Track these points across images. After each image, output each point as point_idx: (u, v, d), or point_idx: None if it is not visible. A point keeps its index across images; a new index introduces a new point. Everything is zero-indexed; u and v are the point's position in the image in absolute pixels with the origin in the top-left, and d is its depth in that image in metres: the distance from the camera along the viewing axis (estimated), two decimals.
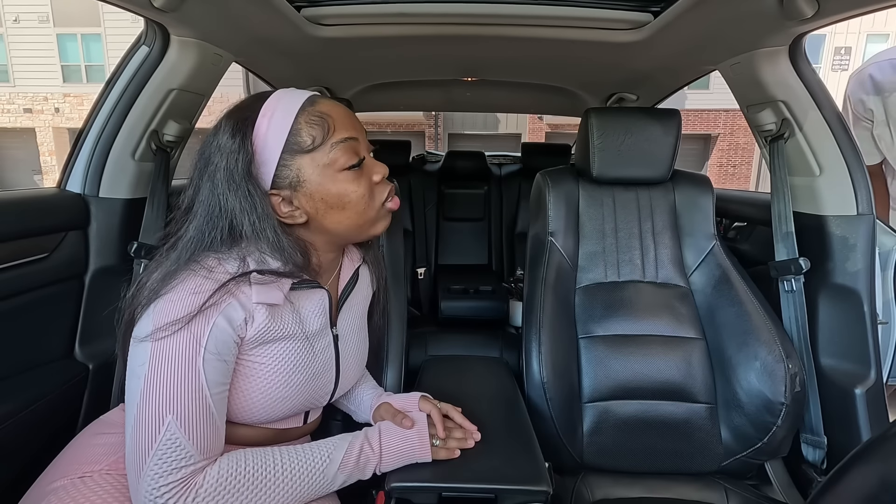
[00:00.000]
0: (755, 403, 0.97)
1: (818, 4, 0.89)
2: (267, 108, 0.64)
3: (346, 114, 0.68)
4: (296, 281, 0.67)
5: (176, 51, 1.09)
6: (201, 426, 0.57)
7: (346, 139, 0.65)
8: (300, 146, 0.63)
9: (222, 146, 0.62)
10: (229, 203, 0.61)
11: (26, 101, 10.46)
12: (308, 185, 0.64)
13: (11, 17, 10.00)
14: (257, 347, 0.64)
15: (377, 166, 0.70)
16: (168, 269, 0.61)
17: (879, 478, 0.30)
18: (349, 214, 0.67)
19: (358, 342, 0.80)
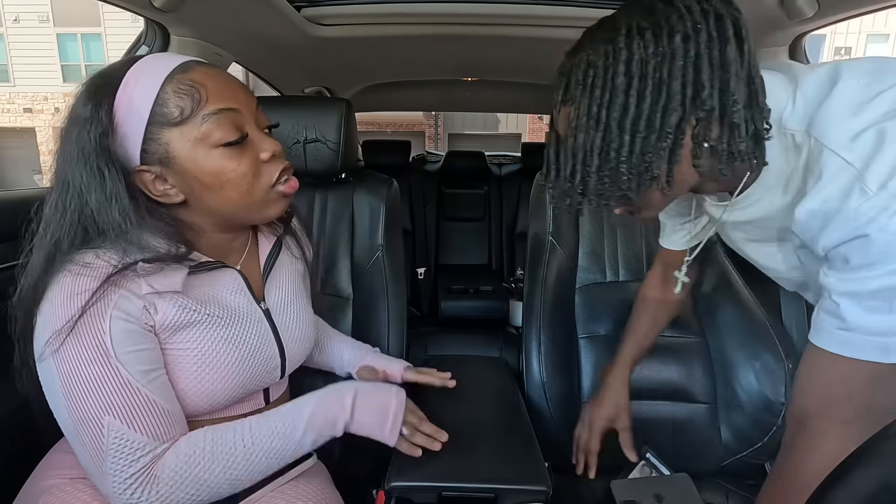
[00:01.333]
0: (755, 403, 0.97)
1: (818, 4, 0.89)
2: (131, 74, 0.57)
3: (225, 83, 0.60)
4: (192, 265, 0.61)
5: (176, 50, 1.09)
6: (144, 415, 0.55)
7: (220, 110, 0.58)
8: (167, 118, 0.56)
9: (76, 115, 0.56)
10: (76, 179, 0.55)
11: (26, 101, 10.47)
12: (179, 161, 0.58)
13: (11, 17, 10.00)
14: (173, 335, 0.60)
15: (265, 142, 0.62)
16: (36, 276, 0.56)
17: (879, 478, 0.30)
18: (229, 195, 0.60)
19: (298, 313, 0.76)
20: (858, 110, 0.49)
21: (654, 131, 0.52)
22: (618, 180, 0.55)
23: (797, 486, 0.54)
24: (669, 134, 0.52)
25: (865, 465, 0.32)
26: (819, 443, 0.54)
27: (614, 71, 0.52)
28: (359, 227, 1.11)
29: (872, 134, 0.47)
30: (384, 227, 1.10)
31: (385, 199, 1.12)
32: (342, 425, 0.66)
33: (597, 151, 0.54)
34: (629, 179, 0.54)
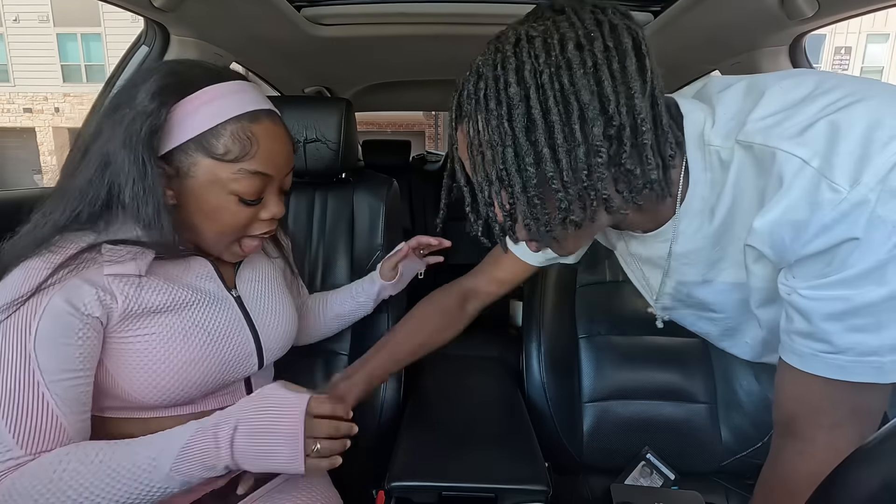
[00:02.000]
0: (755, 403, 0.97)
1: (818, 4, 0.89)
2: (210, 91, 0.59)
3: (277, 148, 0.63)
4: (160, 252, 0.62)
5: (176, 50, 1.09)
6: (26, 416, 0.51)
7: (257, 172, 0.61)
8: (210, 148, 0.59)
9: (138, 99, 0.57)
10: (120, 159, 0.56)
11: (26, 101, 10.47)
12: (193, 181, 0.60)
13: (11, 17, 10.00)
14: (137, 321, 0.60)
15: (275, 206, 0.66)
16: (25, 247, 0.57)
17: (879, 477, 0.30)
18: (213, 227, 0.64)
19: (273, 302, 0.76)
20: (795, 109, 0.46)
21: (578, 144, 0.46)
22: (551, 200, 0.49)
23: (788, 493, 0.53)
24: (601, 147, 0.47)
25: (865, 465, 0.32)
26: (808, 448, 0.52)
27: (505, 81, 0.47)
28: (359, 226, 1.11)
29: (824, 126, 0.43)
30: (384, 227, 1.10)
31: (385, 198, 1.12)
32: (223, 465, 0.55)
33: (513, 168, 0.48)
34: (569, 199, 0.48)
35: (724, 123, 0.51)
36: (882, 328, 0.43)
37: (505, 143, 0.48)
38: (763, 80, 0.51)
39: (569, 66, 0.46)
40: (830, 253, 0.44)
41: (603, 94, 0.46)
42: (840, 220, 0.42)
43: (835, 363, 0.47)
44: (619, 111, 0.46)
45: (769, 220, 0.46)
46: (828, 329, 0.46)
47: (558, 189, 0.48)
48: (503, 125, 0.48)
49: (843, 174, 0.42)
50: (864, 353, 0.45)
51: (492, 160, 0.49)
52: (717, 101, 0.52)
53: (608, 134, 0.47)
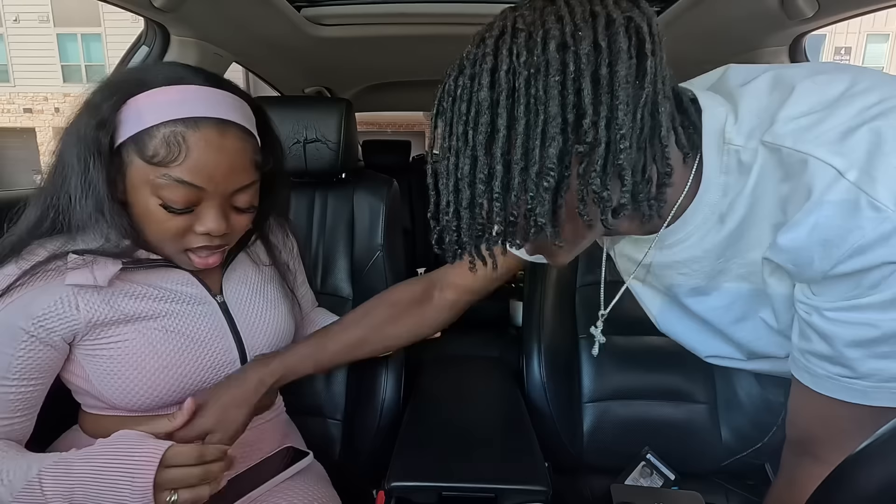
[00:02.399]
0: (755, 403, 0.97)
1: (818, 4, 0.89)
2: (161, 92, 0.58)
3: (214, 160, 0.58)
4: (127, 262, 0.61)
5: (176, 51, 1.09)
6: None
7: (184, 182, 0.57)
8: (141, 148, 0.57)
9: (89, 100, 0.59)
10: (69, 159, 0.57)
11: (26, 101, 10.47)
12: (128, 182, 0.59)
13: (11, 17, 10.00)
14: (107, 328, 0.60)
15: (211, 220, 0.61)
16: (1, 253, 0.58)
17: (880, 477, 0.30)
18: (148, 231, 0.61)
19: (261, 308, 0.74)
20: (831, 111, 0.41)
21: (534, 163, 0.41)
22: (492, 220, 0.44)
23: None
24: (551, 170, 0.41)
25: (865, 465, 0.32)
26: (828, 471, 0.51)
27: (479, 82, 0.42)
28: (359, 227, 1.11)
29: (866, 133, 0.39)
30: (384, 227, 1.10)
31: (385, 199, 1.12)
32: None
33: (466, 180, 0.43)
34: (507, 222, 0.44)
35: (747, 121, 0.45)
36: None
37: (464, 152, 0.43)
38: (791, 73, 0.46)
39: (546, 70, 0.40)
40: (861, 275, 0.40)
41: (580, 105, 0.40)
42: (880, 242, 0.37)
43: (853, 388, 0.44)
44: (597, 125, 0.40)
45: (796, 236, 0.42)
46: (850, 355, 0.43)
47: (499, 211, 0.43)
48: (467, 132, 0.43)
49: (888, 191, 0.37)
50: (885, 379, 0.42)
51: (454, 167, 0.44)
52: (739, 95, 0.47)
53: (576, 151, 0.41)
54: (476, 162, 0.43)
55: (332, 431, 0.99)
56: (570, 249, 0.51)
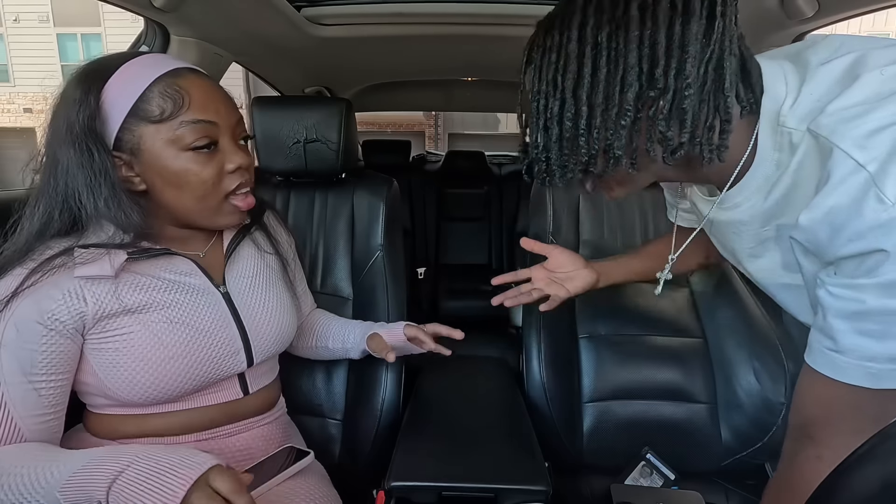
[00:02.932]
0: (755, 403, 0.97)
1: (818, 4, 0.89)
2: (125, 67, 0.60)
3: (209, 95, 0.63)
4: (132, 251, 0.62)
5: (176, 50, 1.09)
6: None
7: (198, 121, 0.61)
8: (146, 114, 0.60)
9: (67, 96, 0.59)
10: (67, 156, 0.58)
11: (26, 101, 10.46)
12: (147, 155, 0.61)
13: (11, 17, 10.00)
14: (113, 320, 0.61)
15: (235, 154, 0.65)
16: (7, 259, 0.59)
17: (879, 478, 0.30)
18: (186, 196, 0.63)
19: (264, 299, 0.75)
20: (876, 106, 0.43)
21: (614, 105, 0.49)
22: (578, 153, 0.52)
23: (800, 497, 0.52)
24: (629, 111, 0.48)
25: (865, 465, 0.32)
26: (826, 453, 0.51)
27: (567, 36, 0.49)
28: (359, 226, 1.11)
29: (891, 134, 0.42)
30: (384, 227, 1.10)
31: (385, 198, 1.12)
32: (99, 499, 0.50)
33: (555, 119, 0.51)
34: (589, 155, 0.51)
35: (805, 105, 0.49)
36: (887, 338, 0.44)
37: (554, 95, 0.51)
38: (871, 59, 0.47)
39: (627, 26, 0.47)
40: (860, 259, 0.44)
41: (653, 57, 0.47)
42: (875, 230, 0.42)
43: (834, 362, 0.48)
44: (667, 74, 0.47)
45: (813, 217, 0.46)
46: (837, 326, 0.47)
47: (583, 145, 0.51)
48: (557, 78, 0.50)
49: (894, 187, 0.41)
50: (863, 357, 0.46)
51: (544, 108, 0.52)
52: (811, 74, 0.50)
53: (648, 96, 0.48)
54: (564, 104, 0.50)
55: (332, 431, 0.99)
56: (630, 186, 0.59)
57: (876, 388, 0.46)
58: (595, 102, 0.49)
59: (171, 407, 0.66)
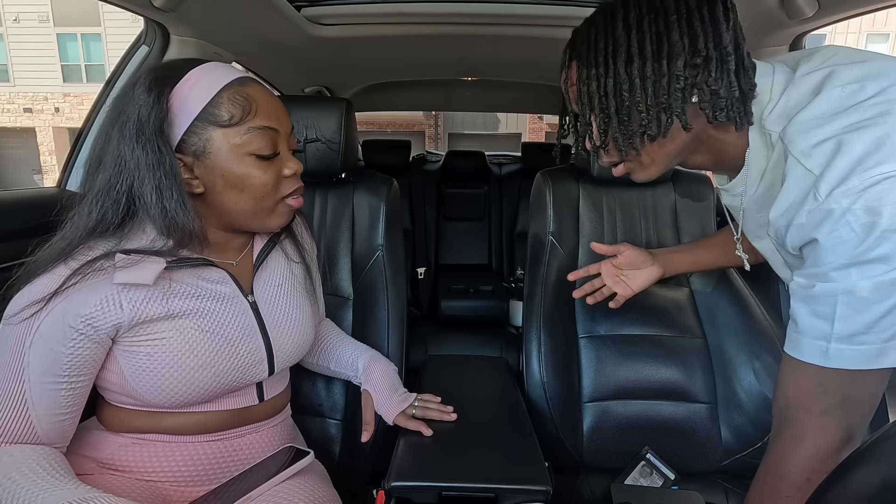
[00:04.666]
0: (755, 403, 0.97)
1: (818, 4, 0.89)
2: (194, 72, 0.63)
3: (273, 104, 0.67)
4: (172, 259, 0.63)
5: (176, 50, 1.09)
6: (3, 406, 0.56)
7: (264, 127, 0.64)
8: (216, 118, 0.62)
9: (136, 98, 0.60)
10: (135, 156, 0.59)
11: (26, 101, 10.47)
12: (212, 157, 0.63)
13: (11, 17, 10.00)
14: (146, 326, 0.61)
15: (291, 161, 0.69)
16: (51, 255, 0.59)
17: (879, 478, 0.30)
18: (246, 198, 0.65)
19: (289, 308, 0.76)
20: (827, 121, 0.51)
21: (664, 75, 0.57)
22: (637, 119, 0.60)
23: (780, 476, 0.56)
24: (680, 76, 0.57)
25: (865, 465, 0.32)
26: (799, 432, 0.56)
27: (613, 25, 0.59)
28: (359, 226, 1.11)
29: (832, 144, 0.49)
30: (384, 227, 1.10)
31: (385, 198, 1.12)
32: None
33: (611, 94, 0.59)
34: (648, 118, 0.59)
35: (782, 111, 0.57)
36: (835, 320, 0.50)
37: (608, 75, 0.59)
38: (839, 75, 0.54)
39: (665, 13, 0.57)
40: (810, 248, 0.52)
41: (693, 33, 0.56)
42: (809, 222, 0.50)
43: (795, 341, 0.55)
44: (707, 45, 0.56)
45: (776, 213, 0.55)
46: (797, 309, 0.54)
47: (642, 110, 0.59)
48: (608, 60, 0.59)
49: (826, 186, 0.48)
50: (816, 336, 0.52)
51: (595, 89, 0.60)
52: (794, 82, 0.57)
53: (694, 63, 0.57)
54: (618, 80, 0.59)
55: (332, 431, 0.99)
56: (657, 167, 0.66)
57: (830, 368, 0.51)
58: (646, 76, 0.58)
59: (188, 408, 0.67)
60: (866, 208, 0.46)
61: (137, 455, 0.66)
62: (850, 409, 0.53)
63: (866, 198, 0.46)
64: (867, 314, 0.48)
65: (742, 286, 1.06)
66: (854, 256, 0.47)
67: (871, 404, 0.53)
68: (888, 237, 0.45)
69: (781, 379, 0.58)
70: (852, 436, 0.53)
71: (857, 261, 0.47)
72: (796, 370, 0.55)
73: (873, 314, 0.48)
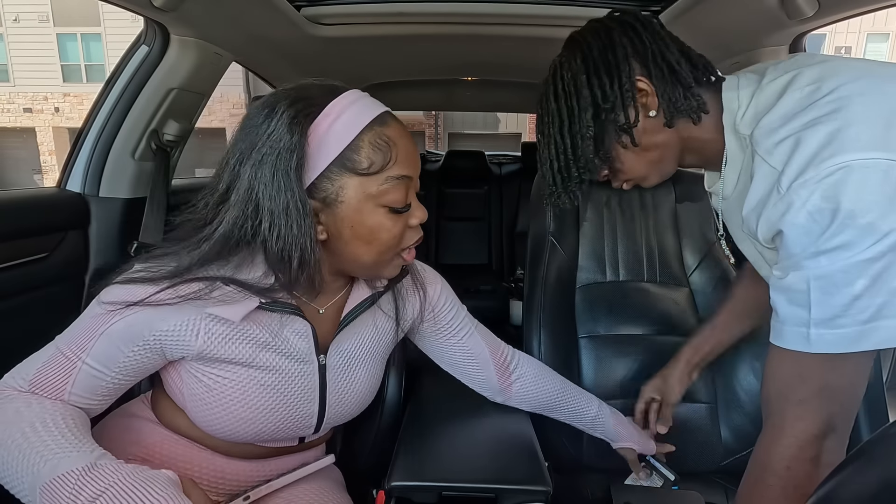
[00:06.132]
0: (755, 403, 0.97)
1: (818, 3, 0.89)
2: (334, 107, 0.56)
3: (411, 148, 0.61)
4: (265, 301, 0.58)
5: (176, 50, 1.09)
6: (51, 367, 0.56)
7: (403, 177, 0.58)
8: (354, 165, 0.56)
9: (275, 136, 0.53)
10: (270, 196, 0.53)
11: (26, 101, 10.46)
12: (344, 207, 0.57)
13: (11, 17, 10.00)
14: (212, 362, 0.59)
15: (419, 210, 0.63)
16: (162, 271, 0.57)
17: (879, 478, 0.30)
18: (372, 250, 0.60)
19: (357, 377, 0.70)
20: (787, 121, 0.54)
21: (578, 130, 0.66)
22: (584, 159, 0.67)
23: (762, 465, 0.58)
24: (590, 127, 0.65)
25: (865, 465, 0.32)
26: (779, 423, 0.57)
27: (545, 96, 0.70)
28: None
29: (791, 142, 0.52)
30: None
31: None
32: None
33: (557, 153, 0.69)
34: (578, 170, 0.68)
35: (752, 115, 0.60)
36: (811, 305, 0.51)
37: (546, 120, 0.70)
38: (802, 77, 0.57)
39: (576, 75, 0.66)
40: (777, 240, 0.55)
41: (601, 83, 0.64)
42: (774, 215, 0.53)
43: (778, 331, 0.56)
44: (613, 89, 0.64)
45: (748, 210, 0.58)
46: (776, 299, 0.56)
47: (581, 156, 0.67)
48: (543, 117, 0.71)
49: (787, 180, 0.51)
50: (796, 323, 0.53)
51: (546, 146, 0.71)
52: (761, 88, 0.60)
53: (604, 108, 0.64)
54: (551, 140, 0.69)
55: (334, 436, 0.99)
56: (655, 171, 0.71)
57: (812, 353, 0.52)
58: (573, 132, 0.67)
59: (235, 445, 0.67)
60: (824, 197, 0.49)
61: (178, 453, 0.65)
62: (830, 397, 0.54)
63: (823, 187, 0.48)
64: (840, 297, 0.49)
65: None
66: (818, 245, 0.50)
67: (853, 394, 0.55)
68: (848, 223, 0.48)
69: (766, 372, 0.60)
70: (835, 426, 0.54)
71: (821, 249, 0.50)
72: (779, 360, 0.57)
73: (846, 296, 0.49)
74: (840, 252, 0.49)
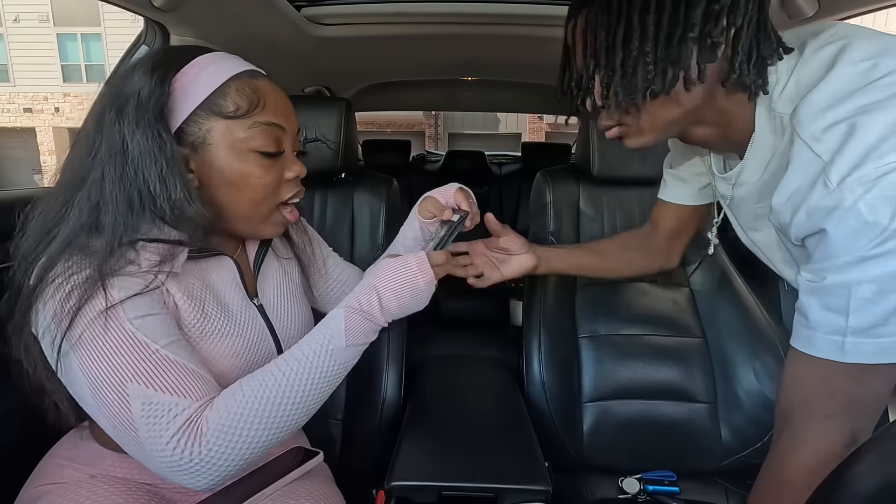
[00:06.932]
0: (755, 403, 0.97)
1: (818, 4, 0.89)
2: (201, 59, 0.59)
3: (282, 101, 0.64)
4: (192, 249, 0.60)
5: None
6: (171, 376, 0.52)
7: (271, 123, 0.61)
8: (220, 109, 0.58)
9: (137, 80, 0.56)
10: (136, 146, 0.54)
11: (26, 101, 10.47)
12: (212, 150, 0.59)
13: (11, 17, 10.00)
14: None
15: (295, 164, 0.66)
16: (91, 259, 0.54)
17: (879, 478, 0.30)
18: (243, 198, 0.62)
19: (293, 309, 0.75)
20: (839, 102, 0.47)
21: (679, 25, 0.51)
22: (644, 72, 0.54)
23: (781, 480, 0.54)
24: (695, 24, 0.51)
25: (865, 465, 0.32)
26: (801, 437, 0.53)
27: None
28: (359, 226, 1.11)
29: (843, 128, 0.46)
30: (384, 227, 1.10)
31: (385, 198, 1.12)
32: (381, 325, 0.63)
33: (619, 45, 0.54)
34: (654, 72, 0.53)
35: (793, 91, 0.53)
36: (849, 313, 0.47)
37: (619, 24, 0.53)
38: (852, 50, 0.50)
39: None
40: (817, 238, 0.49)
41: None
42: (819, 211, 0.47)
43: (807, 337, 0.51)
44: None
45: (779, 200, 0.52)
46: (807, 303, 0.51)
47: (649, 62, 0.53)
48: (622, 8, 0.53)
49: (838, 173, 0.45)
50: (830, 331, 0.49)
51: (604, 38, 0.55)
52: (803, 60, 0.53)
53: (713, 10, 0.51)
54: (630, 28, 0.53)
55: (332, 431, 0.99)
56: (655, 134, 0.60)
57: (846, 363, 0.48)
58: (661, 24, 0.52)
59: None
60: (882, 197, 0.43)
61: (136, 465, 0.64)
62: (857, 412, 0.50)
63: (882, 186, 0.43)
64: (883, 305, 0.45)
65: (742, 286, 1.06)
66: (868, 250, 0.44)
67: (878, 407, 0.51)
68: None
69: (786, 378, 0.56)
70: (857, 439, 0.51)
71: (871, 254, 0.44)
72: (805, 367, 0.52)
73: (890, 304, 0.44)
74: (890, 259, 0.44)
